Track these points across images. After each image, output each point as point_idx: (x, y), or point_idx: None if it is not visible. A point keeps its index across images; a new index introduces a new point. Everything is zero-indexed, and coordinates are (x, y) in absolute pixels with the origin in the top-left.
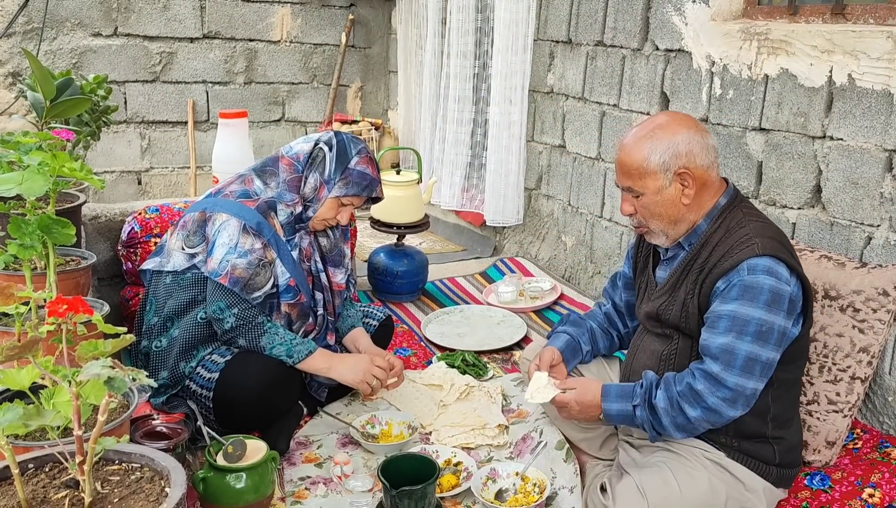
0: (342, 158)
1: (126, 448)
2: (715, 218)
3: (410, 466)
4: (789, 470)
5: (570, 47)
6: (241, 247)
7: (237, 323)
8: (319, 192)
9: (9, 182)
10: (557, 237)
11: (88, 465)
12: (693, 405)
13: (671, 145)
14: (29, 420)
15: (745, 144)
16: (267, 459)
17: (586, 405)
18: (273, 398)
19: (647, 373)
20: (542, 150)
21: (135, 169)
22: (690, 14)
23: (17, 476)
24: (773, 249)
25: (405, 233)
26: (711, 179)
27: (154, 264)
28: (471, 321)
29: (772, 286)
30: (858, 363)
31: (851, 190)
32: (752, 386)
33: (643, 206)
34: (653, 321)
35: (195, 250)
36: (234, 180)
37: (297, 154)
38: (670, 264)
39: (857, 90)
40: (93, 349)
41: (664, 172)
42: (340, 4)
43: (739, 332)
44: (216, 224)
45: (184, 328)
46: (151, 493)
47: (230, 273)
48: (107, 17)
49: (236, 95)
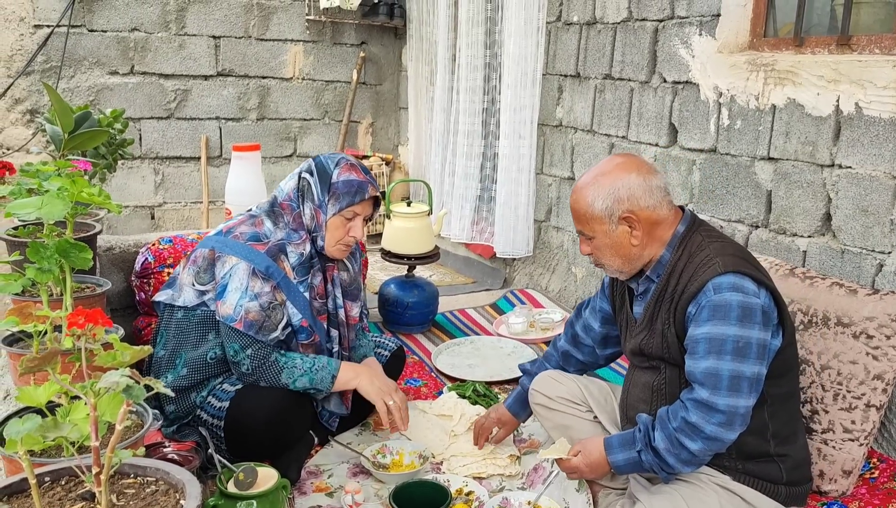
0: (324, 177)
1: (141, 461)
2: (676, 246)
3: (422, 493)
4: (799, 488)
5: (579, 81)
6: (251, 291)
7: (253, 364)
8: (318, 218)
9: (29, 207)
10: (567, 269)
11: (105, 476)
12: (693, 438)
13: (612, 191)
14: (47, 433)
15: (753, 173)
16: (278, 487)
17: (594, 464)
18: (284, 426)
19: (640, 416)
20: (551, 182)
21: (148, 204)
22: (697, 47)
23: (34, 486)
24: (734, 265)
25: (416, 264)
26: (661, 217)
27: (166, 297)
28: (481, 352)
29: (740, 302)
30: (873, 391)
31: (861, 217)
32: (744, 404)
33: (596, 247)
34: (638, 356)
35: (205, 288)
36: (246, 221)
37: (289, 193)
38: (644, 298)
39: (865, 119)
40: (112, 359)
41: (608, 216)
42: (352, 42)
43: (718, 352)
44: (225, 267)
45: (191, 366)
46: (167, 505)
47: (244, 318)
48: (124, 56)
49: (249, 130)
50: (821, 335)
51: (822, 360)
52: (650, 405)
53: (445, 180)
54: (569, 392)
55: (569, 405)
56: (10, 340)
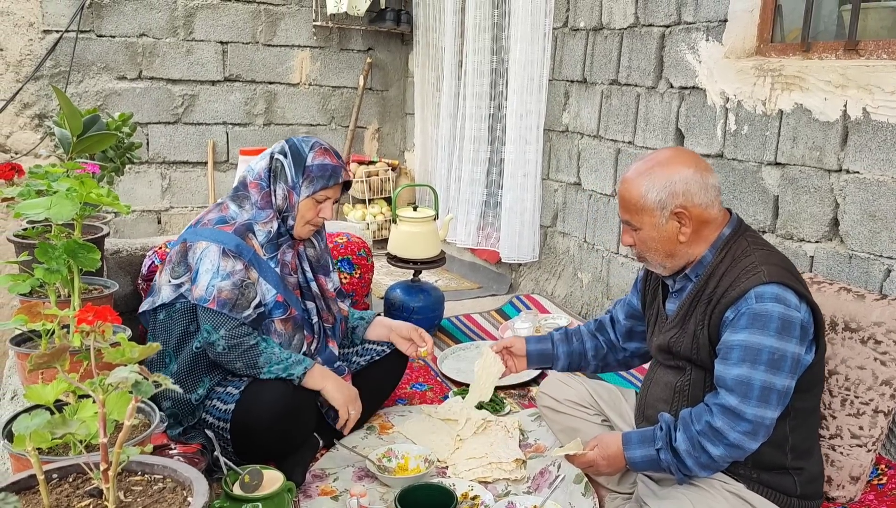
0: (298, 160)
1: (149, 459)
2: (720, 249)
3: (428, 496)
4: (811, 502)
5: (585, 86)
6: (223, 270)
7: (228, 344)
8: (290, 199)
9: (37, 207)
10: (573, 274)
11: (113, 472)
12: (715, 443)
13: (668, 184)
14: (55, 429)
15: (760, 178)
16: (283, 489)
17: (611, 458)
18: (289, 426)
19: (662, 415)
20: (557, 187)
21: (155, 208)
22: (704, 52)
23: (42, 482)
24: (779, 276)
25: (421, 269)
26: (711, 217)
27: (147, 305)
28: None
29: (781, 314)
30: (881, 397)
31: (869, 222)
32: (770, 415)
33: (641, 240)
34: (665, 353)
35: (181, 281)
36: (212, 209)
37: (259, 173)
38: (679, 296)
39: (873, 124)
40: (120, 355)
41: (660, 209)
42: (359, 48)
43: (753, 361)
44: (197, 252)
45: (181, 362)
46: (174, 502)
47: (217, 297)
48: (132, 61)
49: (256, 136)
50: (828, 340)
51: (829, 365)
52: (671, 406)
53: (451, 186)
54: (577, 395)
55: (577, 408)
56: (18, 340)
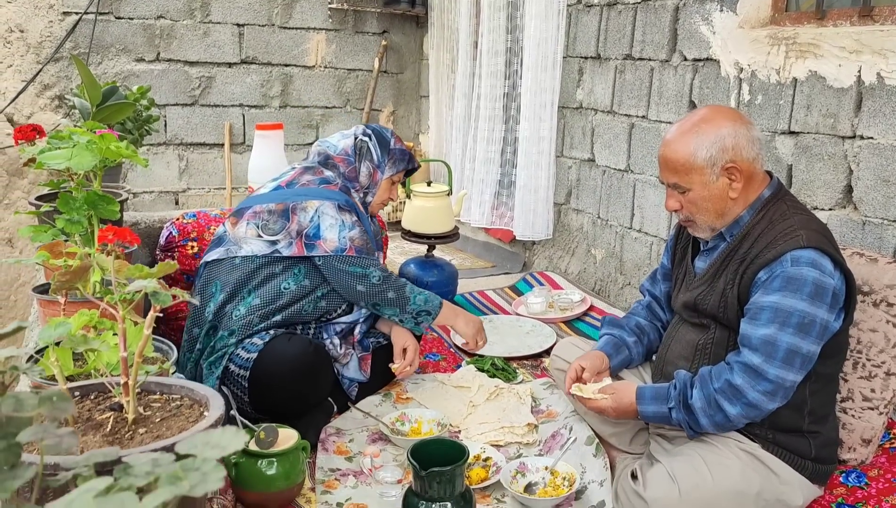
0: (383, 142)
1: (166, 380)
2: (758, 210)
3: (440, 451)
4: (825, 467)
5: (599, 62)
6: (347, 222)
7: (382, 275)
8: (374, 177)
9: (59, 157)
10: (587, 251)
11: (133, 382)
12: (733, 401)
13: (717, 140)
14: (77, 345)
15: (774, 148)
16: (298, 447)
17: (622, 410)
18: (308, 380)
19: (678, 373)
20: (571, 164)
21: (172, 190)
22: (718, 23)
23: (63, 387)
24: (817, 241)
25: (435, 244)
26: (757, 172)
27: (219, 254)
28: (500, 330)
29: (815, 279)
30: (893, 360)
31: (883, 188)
32: (792, 378)
33: (690, 201)
34: (690, 310)
35: (276, 238)
36: (302, 173)
37: (345, 149)
38: (710, 254)
39: (887, 88)
40: (139, 271)
41: (711, 166)
42: (374, 31)
43: (782, 323)
44: (309, 212)
45: (263, 295)
46: (191, 416)
47: (353, 245)
48: (150, 43)
49: (272, 117)
50: None
51: None
52: (691, 363)
53: (466, 166)
54: None
55: None
56: (40, 289)
